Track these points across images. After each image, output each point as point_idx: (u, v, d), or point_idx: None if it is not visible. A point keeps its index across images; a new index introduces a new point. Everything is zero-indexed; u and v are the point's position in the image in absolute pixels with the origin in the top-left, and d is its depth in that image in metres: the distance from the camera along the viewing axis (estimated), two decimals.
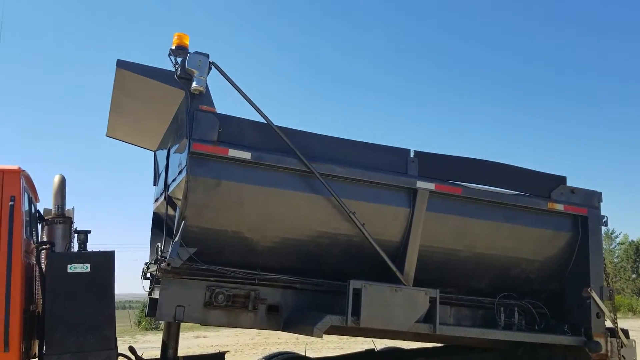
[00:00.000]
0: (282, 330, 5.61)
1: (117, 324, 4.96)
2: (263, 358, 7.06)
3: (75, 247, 5.28)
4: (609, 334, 5.92)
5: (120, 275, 5.11)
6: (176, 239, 4.87)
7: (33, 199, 5.42)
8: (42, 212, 5.58)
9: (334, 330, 5.97)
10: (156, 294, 5.38)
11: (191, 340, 21.13)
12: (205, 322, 5.32)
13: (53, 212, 5.39)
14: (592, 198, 6.20)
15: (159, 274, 5.05)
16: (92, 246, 5.21)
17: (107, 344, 4.65)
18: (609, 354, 5.84)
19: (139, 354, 5.60)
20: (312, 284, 5.42)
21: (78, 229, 5.23)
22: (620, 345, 5.88)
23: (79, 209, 5.73)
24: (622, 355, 5.88)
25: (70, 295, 4.62)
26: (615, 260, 68.61)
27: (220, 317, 5.24)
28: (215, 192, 4.90)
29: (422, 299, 5.18)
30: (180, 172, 5.09)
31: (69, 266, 4.67)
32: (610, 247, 71.99)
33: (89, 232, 5.14)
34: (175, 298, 5.04)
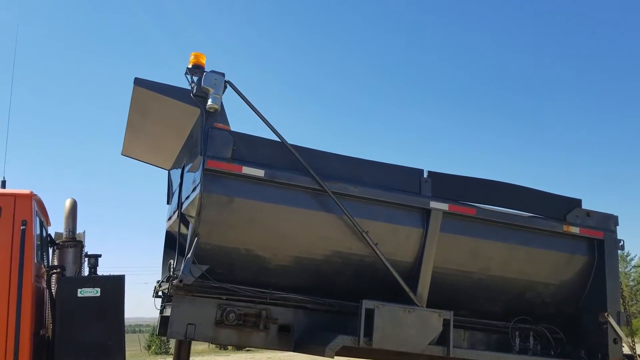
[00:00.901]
0: (294, 351, 5.56)
1: (127, 348, 4.94)
2: None
3: (86, 271, 5.29)
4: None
5: (130, 298, 5.12)
6: (188, 255, 4.88)
7: (45, 222, 5.44)
8: (53, 235, 5.60)
9: (345, 352, 5.91)
10: (167, 312, 5.36)
11: None
12: (216, 341, 5.33)
13: (64, 235, 5.41)
14: (609, 221, 6.14)
15: (171, 290, 5.06)
16: (102, 270, 5.22)
17: None
18: None
19: None
20: (324, 304, 5.39)
21: (89, 253, 5.25)
22: None
23: (90, 233, 5.75)
24: None
25: (80, 320, 4.65)
26: (631, 283, 67.41)
27: (231, 336, 5.21)
28: (228, 209, 4.92)
29: (436, 320, 5.12)
30: (194, 190, 5.12)
31: (79, 290, 4.68)
32: (626, 270, 70.90)
33: (100, 256, 5.16)
34: (186, 316, 5.03)
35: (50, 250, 5.53)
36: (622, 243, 6.08)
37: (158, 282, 6.29)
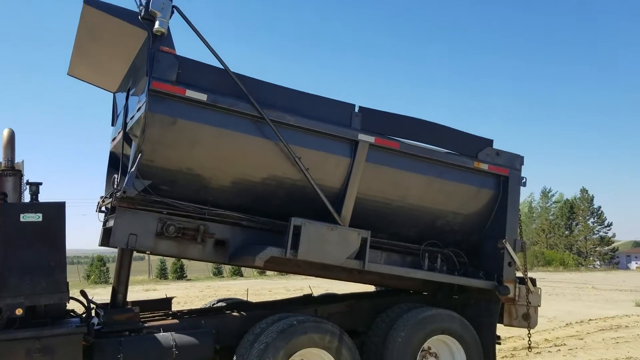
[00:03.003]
0: (228, 263, 6.06)
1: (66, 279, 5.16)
2: (209, 304, 7.56)
3: (27, 199, 5.44)
4: (518, 281, 6.68)
5: (68, 230, 5.24)
6: (132, 169, 5.21)
7: None
8: None
9: (275, 267, 6.51)
10: (110, 224, 5.71)
11: (141, 293, 21.46)
12: (155, 251, 5.70)
13: (3, 165, 5.51)
14: (515, 161, 6.83)
15: (115, 202, 5.41)
16: (42, 199, 5.35)
17: (59, 288, 4.92)
18: (517, 298, 6.58)
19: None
20: (258, 222, 5.83)
21: (29, 181, 5.39)
22: (528, 291, 6.66)
23: (30, 161, 5.83)
24: (529, 300, 6.66)
25: (24, 243, 4.84)
26: (551, 217, 72.68)
27: (170, 247, 5.62)
28: (171, 130, 5.21)
29: (355, 238, 5.72)
30: (138, 110, 5.38)
31: (21, 215, 4.86)
32: (547, 205, 76.24)
33: (41, 184, 5.33)
34: (128, 226, 5.37)
35: None
36: (524, 180, 6.83)
37: (101, 197, 6.60)
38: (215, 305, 7.31)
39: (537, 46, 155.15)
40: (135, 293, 17.95)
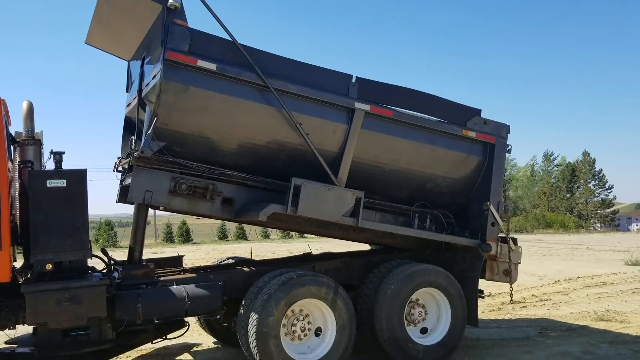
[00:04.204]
0: (234, 220, 6.62)
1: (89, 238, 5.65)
2: (217, 261, 8.17)
3: (50, 166, 5.94)
4: (501, 240, 7.23)
5: None
6: (149, 131, 5.76)
7: (7, 122, 5.95)
8: (13, 134, 6.12)
9: (277, 224, 7.10)
10: (128, 182, 6.26)
11: (150, 255, 22.17)
12: (169, 207, 6.27)
13: (24, 134, 5.97)
14: (501, 129, 7.29)
15: (132, 161, 5.97)
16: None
17: (83, 246, 5.40)
18: (499, 255, 7.15)
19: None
20: (261, 182, 6.37)
21: (53, 150, 5.82)
22: (509, 250, 7.23)
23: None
24: (510, 258, 7.24)
25: (50, 206, 5.27)
26: (553, 180, 73.41)
27: (182, 204, 6.17)
28: (184, 96, 5.71)
29: (350, 197, 6.27)
30: (154, 77, 5.88)
31: (48, 181, 5.28)
32: (549, 169, 76.88)
33: (64, 152, 5.77)
34: (144, 184, 5.93)
35: (12, 148, 6.05)
36: (509, 147, 7.31)
37: (118, 158, 7.15)
38: (223, 263, 7.92)
39: (536, 5, 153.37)
40: (145, 255, 18.65)
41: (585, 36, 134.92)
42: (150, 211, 7.14)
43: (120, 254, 8.71)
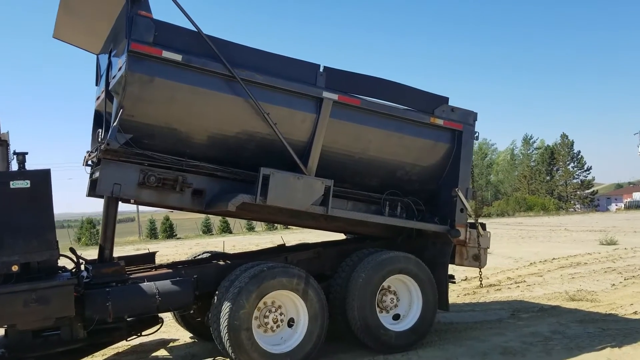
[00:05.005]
0: (204, 211, 6.63)
1: (59, 243, 5.63)
2: (192, 257, 8.18)
3: (16, 167, 5.79)
4: (469, 225, 7.35)
5: (57, 194, 5.67)
6: (114, 124, 5.73)
7: None
8: None
9: (248, 214, 7.13)
10: (96, 175, 6.22)
11: (132, 252, 22.15)
12: (138, 199, 6.26)
13: None
14: (469, 117, 7.36)
15: (100, 154, 5.95)
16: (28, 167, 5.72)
17: (49, 245, 5.40)
18: (467, 240, 7.27)
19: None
20: (231, 173, 6.37)
21: (16, 151, 5.74)
22: (478, 235, 7.36)
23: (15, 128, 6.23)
24: (479, 243, 7.36)
25: (15, 208, 5.26)
26: (532, 164, 74.68)
27: (152, 196, 6.15)
28: (149, 87, 5.68)
29: (319, 186, 6.31)
30: (120, 69, 5.84)
31: (11, 183, 5.27)
32: (528, 152, 78.12)
33: (27, 153, 5.70)
34: (113, 177, 5.89)
35: None
36: (477, 134, 7.41)
37: (87, 152, 7.11)
38: (197, 257, 7.93)
39: None
40: (127, 252, 18.60)
41: (563, 18, 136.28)
42: (134, 207, 7.11)
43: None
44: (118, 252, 6.93)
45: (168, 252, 22.46)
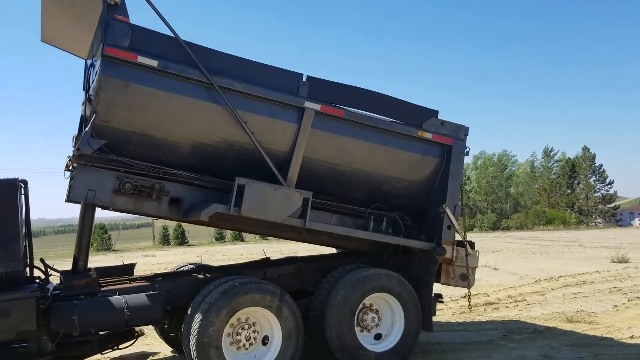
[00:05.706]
0: (181, 220, 6.47)
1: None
2: (175, 268, 8.02)
3: None
4: (457, 243, 7.07)
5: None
6: (86, 129, 5.63)
7: None
8: None
9: (226, 224, 6.95)
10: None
11: (140, 258, 22.24)
12: (113, 206, 6.13)
13: None
14: (459, 131, 7.10)
15: (73, 159, 5.84)
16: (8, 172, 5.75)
17: (14, 257, 5.35)
18: (454, 259, 6.99)
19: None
20: (209, 182, 6.21)
21: None
22: (466, 254, 7.08)
23: None
24: (467, 262, 7.08)
25: None
26: (553, 176, 73.38)
27: (127, 203, 6.03)
28: (124, 93, 5.56)
29: (297, 197, 6.10)
30: (96, 74, 5.77)
31: None
32: (549, 165, 76.91)
33: None
34: (87, 183, 5.79)
35: None
36: (467, 150, 7.13)
37: (68, 157, 7.02)
38: (179, 270, 7.76)
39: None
40: (134, 259, 18.59)
41: (588, 33, 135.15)
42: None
43: (112, 258, 8.57)
44: (128, 258, 6.79)
45: (175, 259, 22.34)
